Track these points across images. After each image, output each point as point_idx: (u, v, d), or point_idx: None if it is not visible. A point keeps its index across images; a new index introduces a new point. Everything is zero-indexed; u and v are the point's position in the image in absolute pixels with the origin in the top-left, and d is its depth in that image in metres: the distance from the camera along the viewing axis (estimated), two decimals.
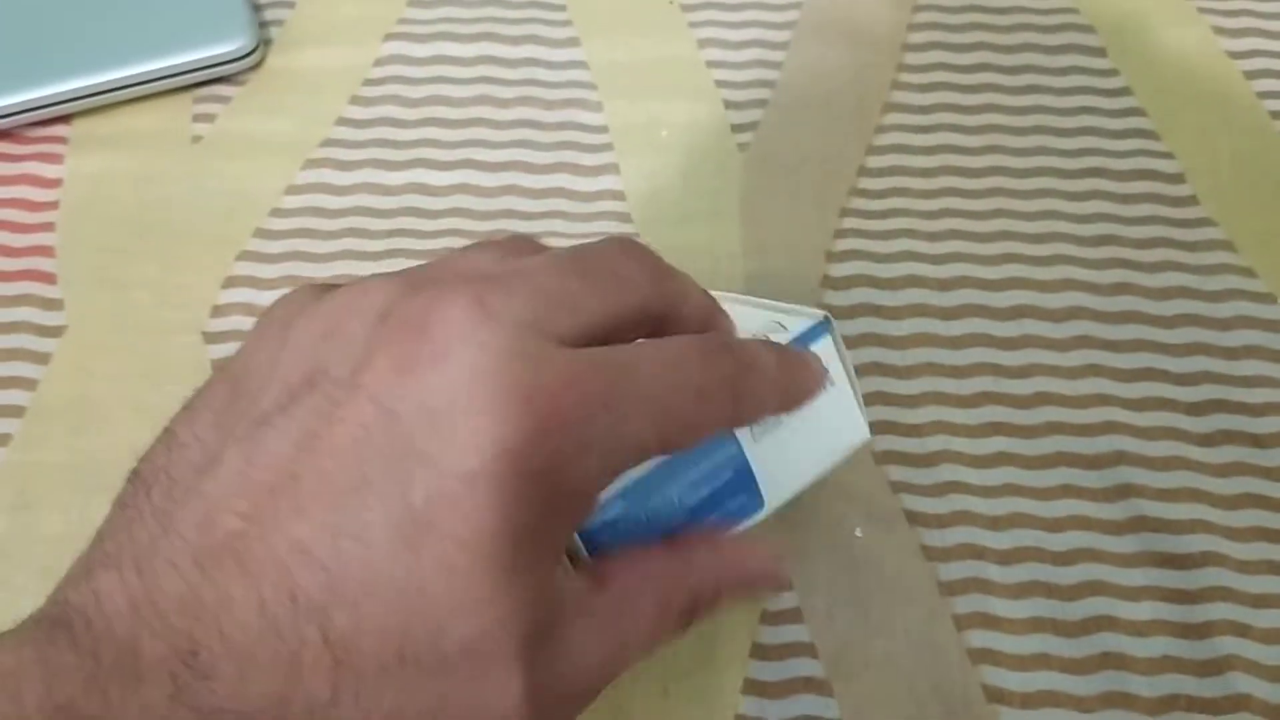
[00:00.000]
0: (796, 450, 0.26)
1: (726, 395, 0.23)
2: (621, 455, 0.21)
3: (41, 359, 0.36)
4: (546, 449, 0.19)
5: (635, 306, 0.22)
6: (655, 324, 0.23)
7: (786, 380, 0.25)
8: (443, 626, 0.19)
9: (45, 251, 0.38)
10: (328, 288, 0.22)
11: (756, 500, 0.25)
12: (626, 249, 0.23)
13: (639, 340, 0.23)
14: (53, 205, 0.39)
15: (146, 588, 0.19)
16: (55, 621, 0.19)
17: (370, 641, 0.18)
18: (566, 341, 0.20)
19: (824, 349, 0.26)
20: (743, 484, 0.25)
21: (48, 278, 0.37)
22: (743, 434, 0.25)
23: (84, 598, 0.19)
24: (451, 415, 0.19)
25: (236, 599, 0.18)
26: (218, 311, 0.37)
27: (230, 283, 0.37)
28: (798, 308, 0.28)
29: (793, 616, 0.32)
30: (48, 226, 0.39)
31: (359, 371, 0.19)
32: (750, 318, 0.27)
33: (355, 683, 0.18)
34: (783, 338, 0.26)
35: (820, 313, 0.27)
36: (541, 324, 0.20)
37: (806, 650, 0.31)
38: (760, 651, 0.31)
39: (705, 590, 0.24)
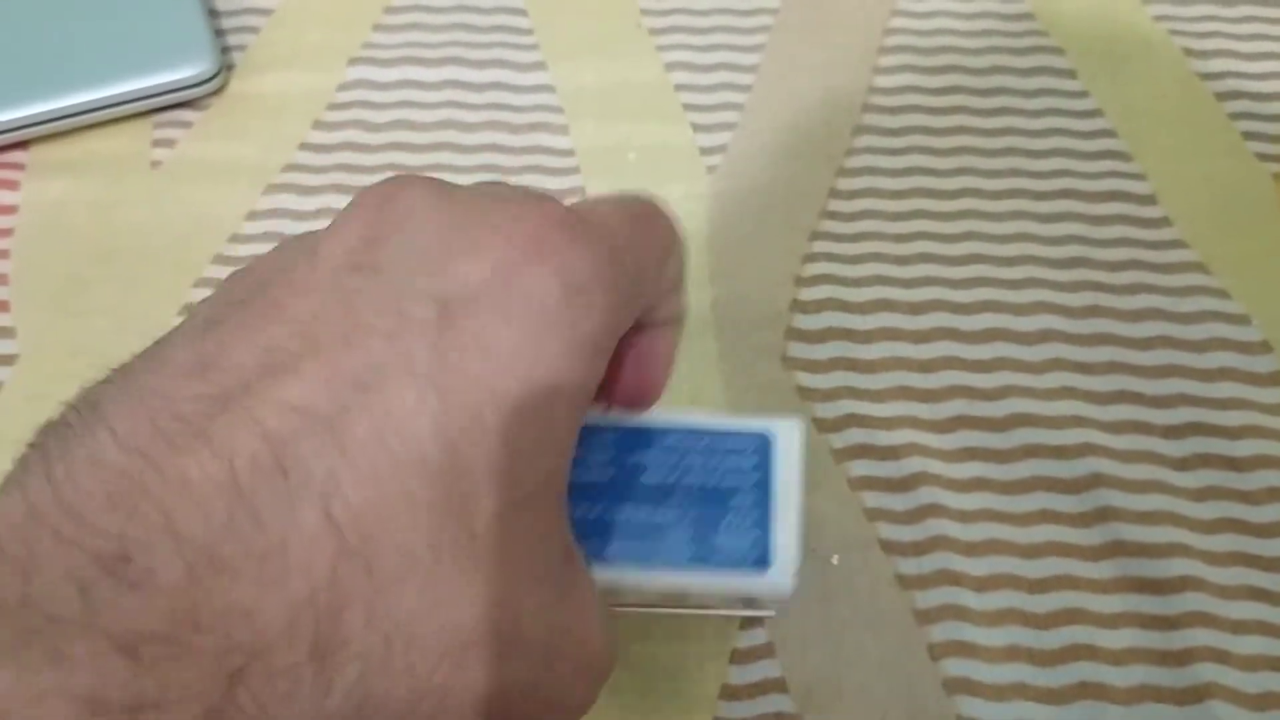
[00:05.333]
0: None
1: None
2: None
3: None
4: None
5: None
6: None
7: None
8: (477, 497, 0.14)
9: None
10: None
11: None
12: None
13: None
14: (7, 232, 0.38)
15: (55, 491, 0.14)
16: None
17: (394, 525, 0.14)
18: None
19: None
20: None
21: (0, 305, 0.37)
22: None
23: None
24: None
25: (194, 481, 0.14)
26: None
27: (188, 310, 0.36)
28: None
29: (764, 651, 0.31)
30: (2, 254, 0.38)
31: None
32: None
33: (367, 585, 0.13)
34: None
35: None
36: None
37: (776, 686, 0.30)
38: (730, 692, 0.30)
39: None
